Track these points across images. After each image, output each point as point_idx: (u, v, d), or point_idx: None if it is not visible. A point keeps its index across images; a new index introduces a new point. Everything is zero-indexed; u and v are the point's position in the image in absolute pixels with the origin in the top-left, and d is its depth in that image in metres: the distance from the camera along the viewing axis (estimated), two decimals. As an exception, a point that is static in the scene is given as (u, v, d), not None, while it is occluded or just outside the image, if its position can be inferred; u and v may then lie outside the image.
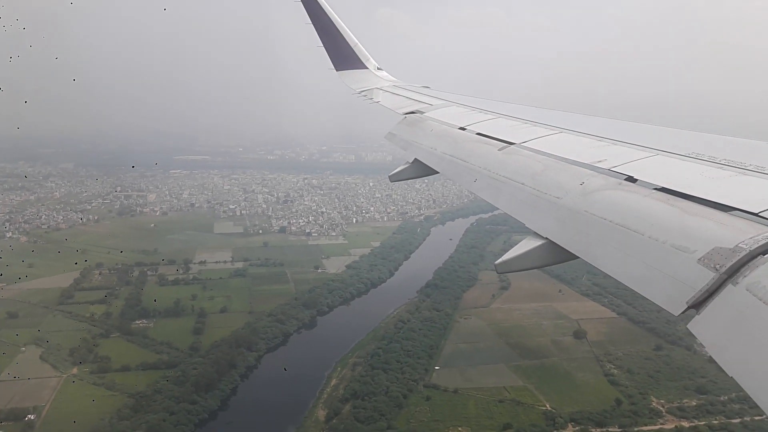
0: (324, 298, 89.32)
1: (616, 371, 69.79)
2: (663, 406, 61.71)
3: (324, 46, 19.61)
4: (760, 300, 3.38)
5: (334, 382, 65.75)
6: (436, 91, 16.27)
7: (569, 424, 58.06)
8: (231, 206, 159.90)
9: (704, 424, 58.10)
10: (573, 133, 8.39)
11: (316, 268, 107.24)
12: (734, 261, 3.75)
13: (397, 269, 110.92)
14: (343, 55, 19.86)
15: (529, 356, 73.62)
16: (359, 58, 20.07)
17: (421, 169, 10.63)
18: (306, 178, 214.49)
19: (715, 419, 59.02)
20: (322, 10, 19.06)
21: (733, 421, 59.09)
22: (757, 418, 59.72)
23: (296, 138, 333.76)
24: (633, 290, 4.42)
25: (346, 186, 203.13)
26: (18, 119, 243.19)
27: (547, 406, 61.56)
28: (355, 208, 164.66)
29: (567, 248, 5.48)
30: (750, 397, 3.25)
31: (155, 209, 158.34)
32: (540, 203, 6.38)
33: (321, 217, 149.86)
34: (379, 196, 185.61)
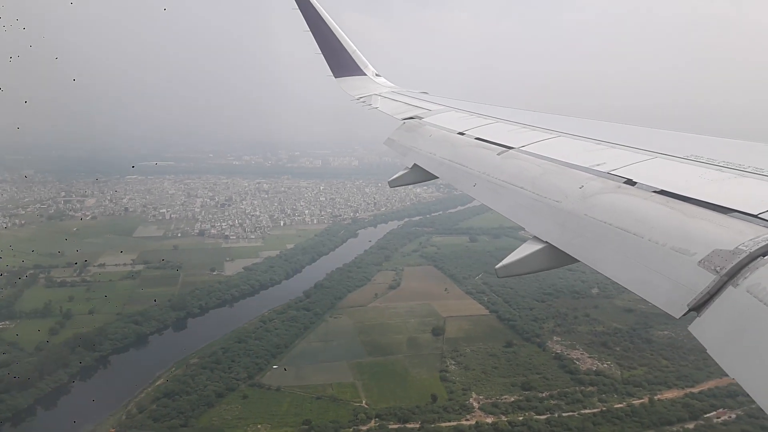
0: (198, 300, 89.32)
1: (453, 367, 69.69)
2: (478, 402, 61.48)
3: (322, 53, 19.75)
4: (761, 302, 3.39)
5: (160, 381, 65.75)
6: (435, 96, 16.55)
7: (373, 420, 57.78)
8: (162, 210, 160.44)
9: (506, 420, 57.66)
10: (571, 136, 8.41)
11: (213, 270, 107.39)
12: (734, 263, 3.77)
13: (300, 271, 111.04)
14: (341, 62, 20.01)
15: (376, 353, 73.57)
16: (357, 65, 20.21)
17: (420, 175, 10.68)
18: (259, 183, 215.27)
19: (522, 415, 58.56)
20: (321, 18, 19.24)
21: (540, 417, 58.66)
22: (566, 414, 59.42)
23: (289, 144, 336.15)
24: (634, 293, 4.47)
25: (296, 189, 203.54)
26: (17, 120, 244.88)
27: (363, 402, 61.41)
28: (289, 211, 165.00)
29: (567, 252, 5.52)
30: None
31: (87, 214, 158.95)
32: (539, 207, 6.40)
33: (248, 220, 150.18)
34: (323, 199, 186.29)
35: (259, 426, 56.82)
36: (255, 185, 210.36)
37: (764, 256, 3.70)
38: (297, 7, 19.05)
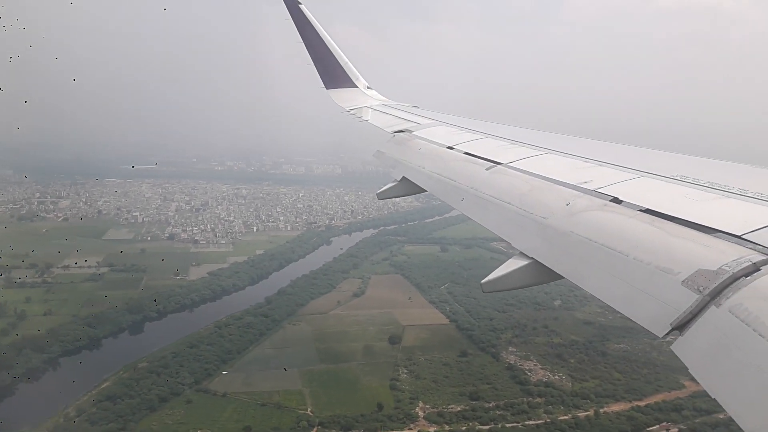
0: (156, 304, 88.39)
1: (405, 376, 69.52)
2: (424, 411, 61.31)
3: (314, 64, 19.80)
4: (743, 322, 3.39)
5: (105, 384, 64.87)
6: (425, 110, 16.51)
7: (315, 428, 57.37)
8: (135, 213, 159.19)
9: (449, 430, 57.54)
10: (559, 154, 8.41)
11: (177, 274, 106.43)
12: (717, 283, 3.77)
13: (266, 277, 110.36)
14: (333, 74, 20.03)
15: (329, 361, 73.20)
16: (349, 77, 20.28)
17: (409, 188, 10.69)
18: (239, 188, 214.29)
19: (465, 425, 58.46)
20: (313, 29, 19.28)
21: (484, 427, 58.61)
22: (510, 425, 59.39)
23: (277, 151, 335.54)
24: (619, 311, 4.41)
25: (275, 196, 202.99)
26: (18, 120, 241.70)
27: (309, 410, 61.00)
28: (264, 217, 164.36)
29: (552, 268, 5.48)
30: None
31: (59, 215, 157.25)
32: (526, 223, 6.36)
33: (220, 225, 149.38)
34: (301, 206, 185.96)
35: (199, 431, 56.13)
36: (234, 191, 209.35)
37: (747, 277, 3.73)
38: (290, 18, 19.14)
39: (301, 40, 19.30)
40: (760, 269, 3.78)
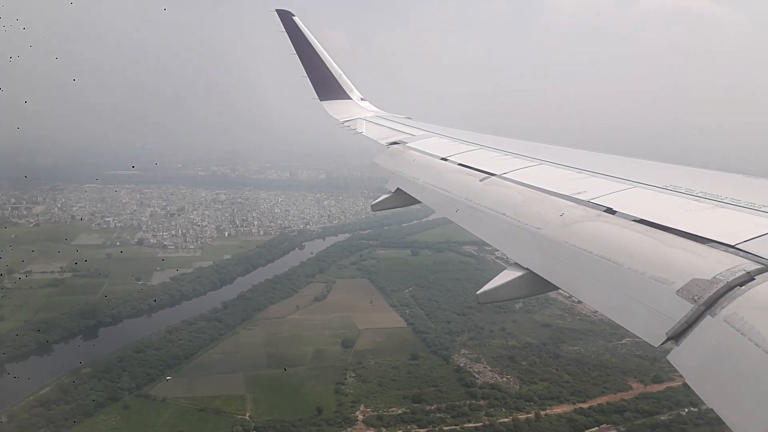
0: (111, 309, 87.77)
1: (352, 380, 69.22)
2: (364, 415, 60.98)
3: (308, 76, 19.85)
4: (738, 331, 3.41)
5: (44, 390, 64.25)
6: (419, 122, 16.53)
7: (250, 433, 56.94)
8: (108, 219, 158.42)
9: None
10: (553, 165, 8.45)
11: (138, 279, 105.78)
12: (712, 292, 3.79)
13: (231, 282, 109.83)
14: (327, 86, 20.10)
15: (277, 365, 72.70)
16: (343, 89, 20.37)
17: (403, 199, 10.70)
18: (218, 193, 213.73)
19: (402, 428, 58.15)
20: (307, 41, 19.34)
21: (421, 429, 58.35)
22: (448, 428, 59.10)
23: (266, 156, 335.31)
24: (614, 321, 4.38)
25: (254, 201, 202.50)
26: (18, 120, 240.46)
27: (247, 415, 60.55)
28: (238, 222, 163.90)
29: (547, 279, 5.46)
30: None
31: (31, 221, 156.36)
32: (520, 234, 6.36)
33: (192, 230, 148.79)
34: (278, 210, 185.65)
35: (131, 437, 55.64)
36: (213, 196, 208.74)
37: (741, 286, 3.75)
38: (284, 30, 19.19)
39: (295, 53, 19.42)
40: (754, 278, 3.79)
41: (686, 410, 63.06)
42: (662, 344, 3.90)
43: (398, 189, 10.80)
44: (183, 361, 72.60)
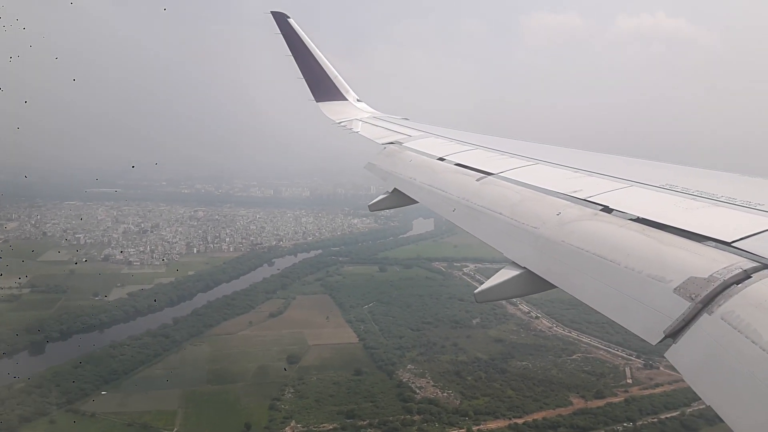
0: (59, 325, 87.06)
1: (290, 396, 68.64)
2: (293, 431, 60.16)
3: (304, 77, 19.89)
4: (735, 329, 3.42)
5: (-27, 405, 63.23)
6: (415, 122, 16.50)
7: (173, 448, 56.10)
8: (78, 235, 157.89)
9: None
10: (550, 164, 8.43)
11: (95, 295, 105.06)
12: (709, 291, 3.80)
13: (191, 298, 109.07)
14: (322, 87, 20.10)
15: (217, 382, 72.12)
16: (339, 90, 20.36)
17: (400, 199, 10.71)
18: (196, 210, 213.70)
19: None
20: (302, 42, 19.37)
21: (347, 445, 57.57)
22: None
23: (254, 174, 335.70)
24: (611, 319, 4.39)
25: (231, 217, 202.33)
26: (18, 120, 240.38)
27: (174, 430, 59.76)
28: (210, 238, 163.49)
29: (545, 278, 5.47)
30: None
31: (1, 237, 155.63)
32: (518, 233, 6.35)
33: (161, 247, 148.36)
34: (254, 227, 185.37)
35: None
36: (191, 213, 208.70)
37: (738, 284, 3.76)
38: (279, 32, 19.27)
39: (291, 54, 19.47)
40: (750, 276, 3.81)
41: (622, 426, 62.56)
42: (660, 342, 3.91)
43: (395, 189, 10.87)
44: (122, 376, 71.81)
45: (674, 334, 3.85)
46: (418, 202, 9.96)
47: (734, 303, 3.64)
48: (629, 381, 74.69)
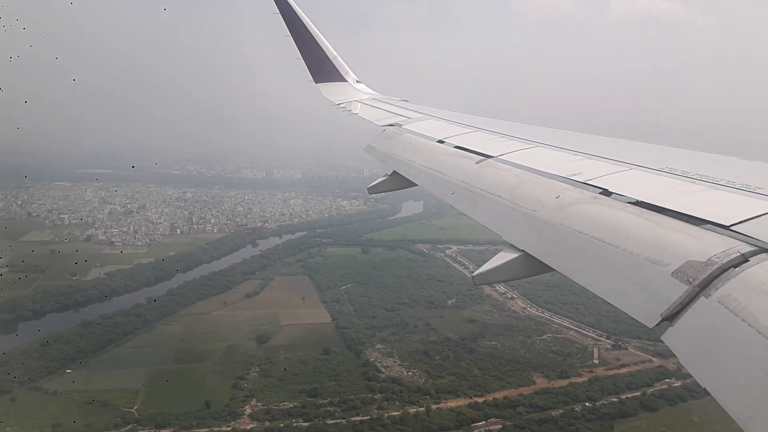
0: (33, 304, 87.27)
1: (255, 375, 68.99)
2: (253, 408, 60.58)
3: (303, 58, 19.78)
4: (732, 312, 3.43)
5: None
6: (415, 104, 16.41)
7: (130, 425, 56.54)
8: (63, 216, 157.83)
9: (267, 426, 56.93)
10: (549, 147, 8.44)
11: (73, 275, 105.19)
12: (707, 274, 3.81)
13: (170, 278, 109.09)
14: (322, 68, 19.97)
15: (185, 361, 72.51)
16: (338, 71, 20.22)
17: (399, 182, 10.74)
18: (184, 192, 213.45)
19: (284, 422, 57.94)
20: (302, 22, 19.21)
21: (304, 423, 58.10)
22: (332, 421, 58.77)
23: (249, 157, 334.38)
24: (609, 302, 4.41)
25: (219, 199, 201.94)
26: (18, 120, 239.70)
27: (134, 408, 60.17)
28: (195, 219, 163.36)
29: (543, 260, 5.50)
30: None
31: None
32: (516, 216, 6.40)
33: (144, 228, 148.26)
34: (241, 209, 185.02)
35: (8, 429, 55.13)
36: (180, 194, 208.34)
37: (735, 268, 3.76)
38: (278, 12, 19.10)
39: (290, 34, 19.32)
40: (748, 260, 3.81)
41: (582, 406, 62.97)
42: (657, 325, 3.90)
43: (394, 172, 10.83)
44: (89, 355, 72.08)
45: (671, 317, 3.84)
46: (417, 185, 9.95)
47: (731, 286, 3.63)
48: (596, 361, 75.05)
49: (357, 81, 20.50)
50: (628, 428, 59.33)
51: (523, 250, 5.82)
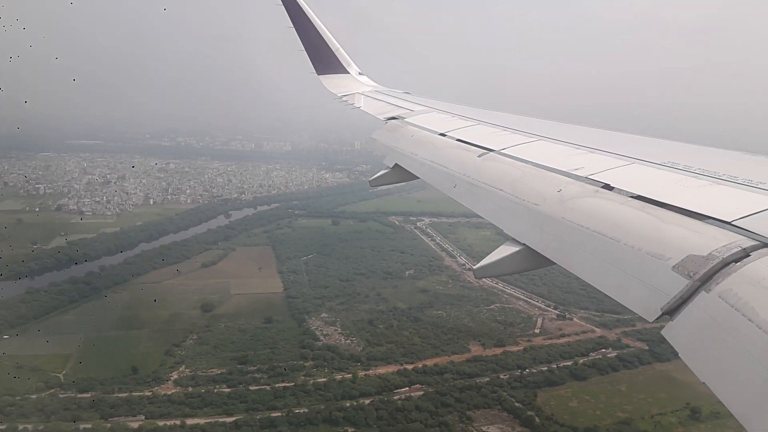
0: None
1: (190, 342, 69.27)
2: (179, 375, 61.04)
3: (306, 50, 19.88)
4: (732, 307, 3.42)
5: None
6: (417, 97, 16.55)
7: (54, 389, 57.08)
8: (38, 185, 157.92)
9: (187, 391, 57.29)
10: (551, 140, 8.46)
11: (34, 244, 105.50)
12: (707, 269, 3.81)
13: (133, 247, 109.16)
14: (324, 60, 20.05)
15: (124, 328, 72.94)
16: (341, 63, 20.35)
17: (401, 175, 10.77)
18: (168, 163, 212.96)
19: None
20: (304, 14, 19.24)
21: (225, 390, 58.43)
22: (256, 387, 58.97)
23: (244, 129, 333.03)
24: (610, 296, 4.41)
25: (201, 170, 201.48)
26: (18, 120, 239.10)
27: (62, 373, 60.64)
28: (171, 190, 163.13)
29: (544, 254, 5.52)
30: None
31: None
32: (518, 210, 6.42)
33: (117, 198, 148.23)
34: (221, 180, 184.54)
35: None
36: (163, 165, 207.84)
37: (736, 263, 3.75)
38: (281, 3, 19.03)
39: (292, 26, 19.26)
40: (749, 255, 3.79)
41: (508, 374, 62.96)
42: (657, 319, 3.88)
43: (396, 165, 10.77)
44: (30, 321, 72.50)
45: (672, 311, 3.82)
46: (419, 178, 9.92)
47: (732, 281, 3.61)
48: (537, 331, 74.89)
49: (359, 73, 20.50)
50: (552, 396, 59.31)
51: (524, 244, 5.80)
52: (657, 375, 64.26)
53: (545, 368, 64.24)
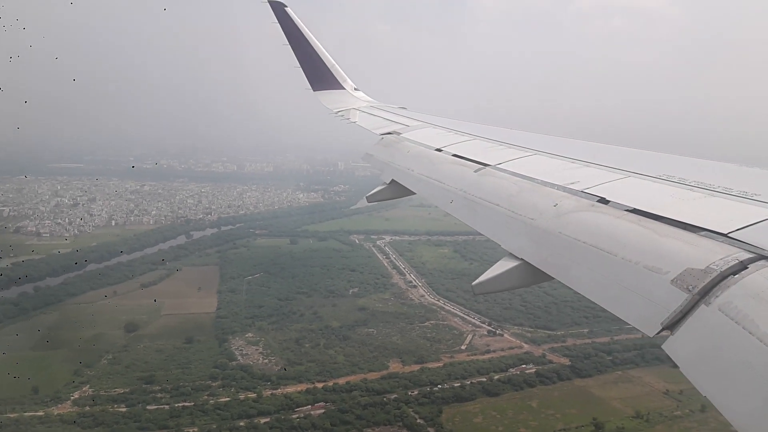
0: None
1: (104, 363, 68.19)
2: (81, 395, 60.00)
3: (301, 66, 20.07)
4: (732, 320, 3.41)
5: None
6: (413, 112, 16.66)
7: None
8: (2, 208, 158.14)
9: (81, 411, 56.02)
10: (547, 155, 8.51)
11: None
12: (706, 282, 3.79)
13: (82, 269, 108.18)
14: (320, 76, 20.24)
15: (43, 348, 71.70)
16: (336, 79, 20.54)
17: (398, 190, 10.73)
18: (144, 185, 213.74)
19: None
20: (300, 31, 19.53)
21: (121, 409, 57.05)
22: (154, 407, 57.79)
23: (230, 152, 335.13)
24: (609, 311, 4.36)
25: (173, 192, 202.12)
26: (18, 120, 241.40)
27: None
28: (137, 212, 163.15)
29: (541, 269, 5.51)
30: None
31: None
32: (515, 224, 6.42)
33: (80, 219, 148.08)
34: (191, 201, 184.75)
35: None
36: (137, 187, 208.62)
37: (734, 275, 3.73)
38: (276, 21, 19.32)
39: (288, 43, 19.51)
40: (747, 267, 3.78)
41: (417, 390, 61.69)
42: (657, 334, 3.85)
43: (393, 180, 10.74)
44: (-55, 342, 71.43)
45: (672, 325, 3.77)
46: (415, 194, 9.87)
47: (731, 294, 3.57)
48: (463, 347, 73.67)
49: (355, 89, 20.64)
50: (458, 412, 57.95)
51: (522, 259, 5.75)
52: (573, 390, 62.99)
53: (458, 384, 62.92)
